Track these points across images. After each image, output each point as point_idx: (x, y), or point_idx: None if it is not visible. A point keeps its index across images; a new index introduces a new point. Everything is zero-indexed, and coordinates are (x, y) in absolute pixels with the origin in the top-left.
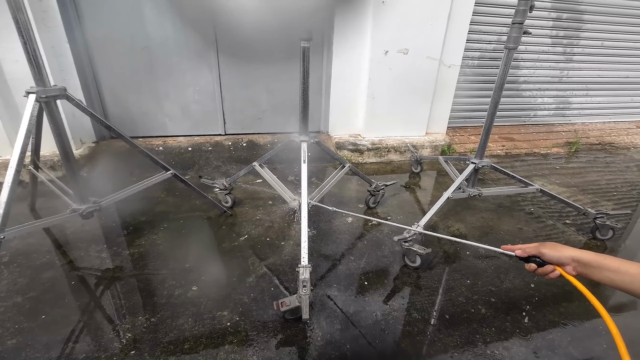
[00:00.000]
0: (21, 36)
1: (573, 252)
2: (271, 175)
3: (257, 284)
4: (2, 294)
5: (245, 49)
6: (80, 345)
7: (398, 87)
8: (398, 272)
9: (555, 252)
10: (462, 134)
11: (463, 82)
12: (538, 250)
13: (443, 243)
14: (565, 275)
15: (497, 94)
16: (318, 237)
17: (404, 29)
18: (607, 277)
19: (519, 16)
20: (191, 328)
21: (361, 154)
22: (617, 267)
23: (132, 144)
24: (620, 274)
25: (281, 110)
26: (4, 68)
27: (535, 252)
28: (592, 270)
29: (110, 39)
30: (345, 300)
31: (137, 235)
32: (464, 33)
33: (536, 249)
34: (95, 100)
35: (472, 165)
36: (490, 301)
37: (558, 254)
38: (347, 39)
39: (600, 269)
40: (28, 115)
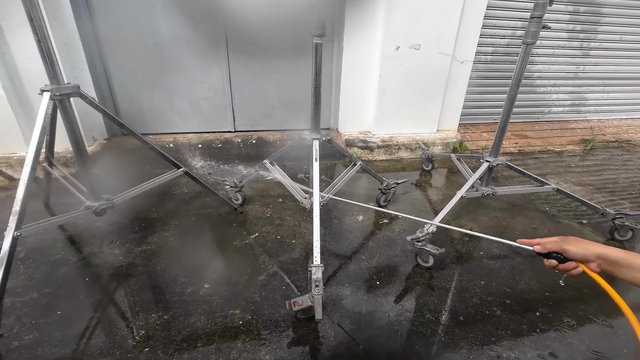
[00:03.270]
0: (35, 34)
1: (599, 249)
2: (282, 173)
3: (269, 282)
4: (19, 289)
5: (255, 45)
6: (94, 342)
7: (409, 83)
8: (410, 272)
9: (580, 248)
10: (474, 131)
11: (475, 78)
12: (560, 246)
13: (456, 243)
14: (590, 273)
15: (514, 91)
16: (329, 236)
17: (416, 24)
18: (636, 277)
19: (538, 10)
20: (204, 326)
21: (371, 152)
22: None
23: (144, 141)
24: None
25: (290, 107)
26: (18, 65)
27: (556, 248)
28: (619, 269)
29: (122, 35)
30: (358, 299)
31: (149, 232)
32: (478, 28)
33: (558, 245)
34: (107, 97)
35: (486, 163)
36: (505, 303)
37: (583, 250)
38: (358, 34)
39: (630, 268)
40: (42, 113)
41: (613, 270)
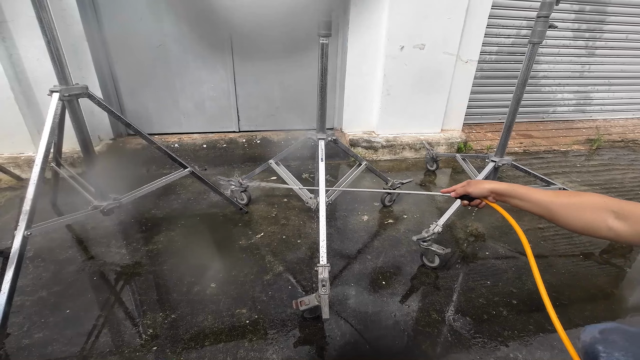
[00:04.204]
0: (45, 35)
1: (490, 185)
2: (287, 173)
3: (275, 282)
4: (28, 288)
5: (259, 45)
6: (103, 340)
7: (413, 83)
8: (416, 272)
9: (478, 188)
10: (479, 130)
11: (480, 77)
12: (465, 190)
13: (461, 243)
14: (489, 204)
15: (520, 90)
16: (334, 236)
17: (420, 23)
18: (516, 203)
19: (545, 9)
20: (211, 325)
21: (375, 151)
22: (524, 194)
23: (150, 141)
24: (525, 200)
25: (295, 107)
26: (26, 66)
27: (463, 192)
28: (506, 199)
29: (128, 36)
30: (364, 299)
31: (155, 232)
32: (483, 27)
33: (464, 189)
34: (113, 98)
35: (491, 163)
36: (512, 303)
37: (480, 190)
38: (362, 34)
39: (512, 196)
40: (52, 113)
41: (503, 200)
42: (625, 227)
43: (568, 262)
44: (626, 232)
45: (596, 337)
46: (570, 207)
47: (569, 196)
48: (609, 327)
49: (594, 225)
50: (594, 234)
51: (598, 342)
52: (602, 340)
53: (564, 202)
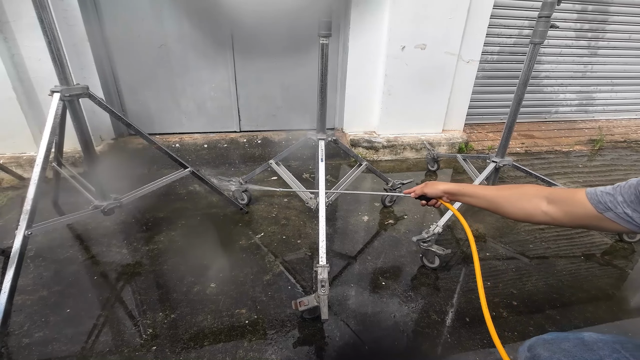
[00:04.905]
0: (46, 35)
1: (443, 186)
2: (287, 173)
3: (274, 282)
4: (29, 287)
5: (260, 45)
6: (103, 339)
7: (415, 83)
8: (416, 273)
9: (433, 189)
10: (480, 131)
11: (482, 77)
12: (422, 190)
13: (462, 244)
14: (444, 204)
15: (521, 90)
16: (334, 236)
17: (421, 23)
18: (467, 200)
19: (546, 9)
20: (210, 325)
21: (376, 152)
22: (472, 192)
23: (151, 141)
24: (474, 197)
25: (296, 108)
26: (28, 66)
27: (421, 192)
28: (458, 197)
29: (129, 37)
30: (363, 300)
31: (155, 232)
32: (484, 27)
33: (421, 190)
34: (114, 98)
35: (492, 164)
36: (512, 304)
37: (435, 191)
38: (364, 34)
39: (462, 195)
40: (52, 113)
41: (456, 199)
42: (557, 210)
43: (568, 263)
44: (558, 214)
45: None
46: (511, 198)
47: (510, 189)
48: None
49: (531, 212)
50: (533, 220)
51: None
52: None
53: (506, 195)
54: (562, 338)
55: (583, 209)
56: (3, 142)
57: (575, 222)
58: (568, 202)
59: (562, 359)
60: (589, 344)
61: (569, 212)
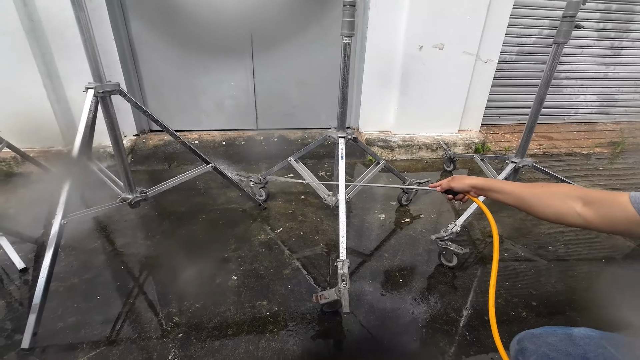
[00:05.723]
0: (82, 34)
1: (471, 180)
2: (306, 170)
3: (294, 276)
4: (61, 274)
5: (278, 44)
6: (131, 326)
7: (431, 83)
8: (433, 271)
9: (460, 183)
10: (497, 131)
11: (499, 78)
12: (449, 185)
13: (478, 244)
14: (471, 198)
15: (543, 91)
16: (351, 234)
17: (440, 23)
18: (495, 196)
19: (571, 9)
20: (233, 316)
21: (391, 151)
22: (500, 187)
23: (177, 137)
24: (502, 193)
25: (312, 106)
26: (58, 64)
27: (447, 186)
28: (486, 192)
29: (152, 36)
30: (381, 296)
31: (177, 225)
32: (504, 27)
33: (448, 184)
34: (137, 96)
35: (511, 164)
36: (531, 305)
37: (462, 185)
38: (381, 34)
39: (490, 190)
40: (87, 109)
41: (484, 194)
42: (592, 212)
43: (589, 266)
44: (593, 217)
45: (515, 347)
46: (542, 196)
47: (541, 186)
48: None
49: (564, 213)
50: (565, 221)
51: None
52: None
53: (537, 192)
54: (549, 332)
55: (624, 214)
56: (33, 137)
57: (612, 227)
58: (607, 205)
59: (546, 352)
60: (576, 339)
61: (606, 216)
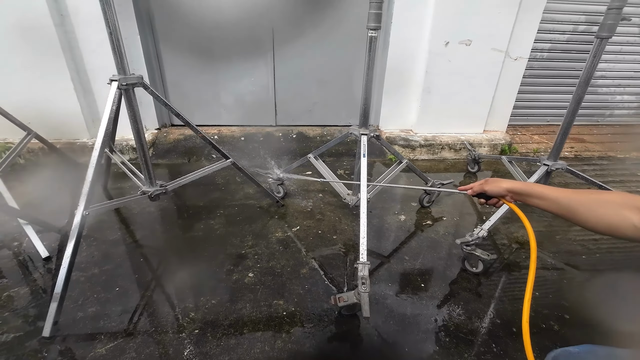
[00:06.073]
0: (108, 26)
1: (507, 184)
2: (326, 168)
3: (311, 276)
4: (82, 264)
5: (300, 40)
6: (149, 319)
7: (457, 81)
8: (456, 277)
9: (495, 187)
10: (524, 132)
11: (529, 76)
12: (482, 188)
13: (504, 250)
14: (507, 203)
15: (582, 89)
16: (371, 234)
17: (468, 18)
18: (534, 202)
19: (618, 0)
20: (249, 314)
21: (413, 150)
22: (541, 193)
23: (197, 132)
24: (543, 199)
25: (332, 103)
26: (84, 58)
27: (480, 190)
28: (524, 198)
29: (177, 33)
30: (401, 301)
31: (195, 220)
32: (536, 22)
33: (481, 187)
34: (160, 90)
35: (544, 167)
36: (564, 317)
37: (497, 188)
38: (406, 29)
39: (529, 195)
40: (111, 101)
41: (521, 199)
42: None
43: (627, 278)
44: None
45: None
46: (591, 204)
47: (590, 193)
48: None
49: (617, 224)
50: (618, 233)
51: None
52: None
53: (584, 200)
54: (589, 351)
55: None
56: (59, 129)
57: None
58: None
59: None
60: None
61: None
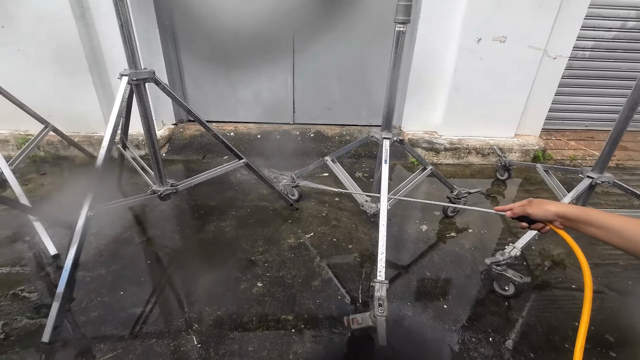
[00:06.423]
0: (119, 18)
1: (557, 208)
2: (343, 172)
3: (323, 289)
4: (90, 264)
5: (321, 36)
6: (151, 328)
7: (488, 80)
8: (483, 298)
9: (541, 210)
10: (559, 138)
11: (567, 76)
12: (524, 210)
13: (534, 269)
14: (556, 230)
15: (638, 94)
16: (388, 244)
17: (503, 12)
18: (591, 231)
19: None
20: (255, 328)
21: (437, 154)
22: (600, 221)
23: (209, 129)
24: (602, 228)
25: (353, 102)
26: (104, 51)
27: (522, 213)
28: (578, 225)
29: (195, 27)
30: (422, 322)
31: (207, 220)
32: (580, 18)
33: (523, 210)
34: (177, 84)
35: (587, 180)
36: (610, 355)
37: (544, 212)
38: (435, 24)
39: (585, 223)
40: (120, 96)
41: (574, 227)
42: None
43: None
44: None
45: None
46: None
47: None
48: None
49: None
50: None
51: None
52: None
53: None
54: None
55: None
56: (78, 122)
57: None
58: None
59: None
60: None
61: None
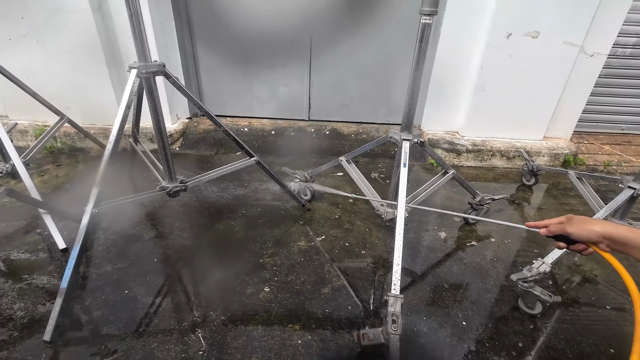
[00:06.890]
0: (128, 8)
1: (603, 228)
2: (358, 174)
3: (333, 298)
4: (97, 260)
5: (340, 30)
6: (153, 332)
7: (517, 79)
8: (506, 316)
9: (583, 230)
10: (592, 141)
11: (605, 75)
12: (563, 229)
13: (563, 283)
14: (601, 253)
15: None
16: (404, 252)
17: (537, 6)
18: None
19: None
20: (260, 337)
21: (458, 156)
22: None
23: (219, 125)
24: None
25: (371, 99)
26: (120, 43)
27: (560, 231)
28: (628, 249)
29: (212, 20)
30: (439, 341)
31: (216, 219)
32: (624, 11)
33: (561, 228)
34: (192, 78)
35: (628, 190)
36: None
37: (586, 232)
38: (461, 18)
39: (637, 248)
40: (129, 90)
41: (623, 250)
42: None
43: None
44: None
45: None
46: None
47: None
48: None
49: None
50: None
51: None
52: None
53: None
54: None
55: None
56: (94, 114)
57: None
58: None
59: None
60: None
61: None
